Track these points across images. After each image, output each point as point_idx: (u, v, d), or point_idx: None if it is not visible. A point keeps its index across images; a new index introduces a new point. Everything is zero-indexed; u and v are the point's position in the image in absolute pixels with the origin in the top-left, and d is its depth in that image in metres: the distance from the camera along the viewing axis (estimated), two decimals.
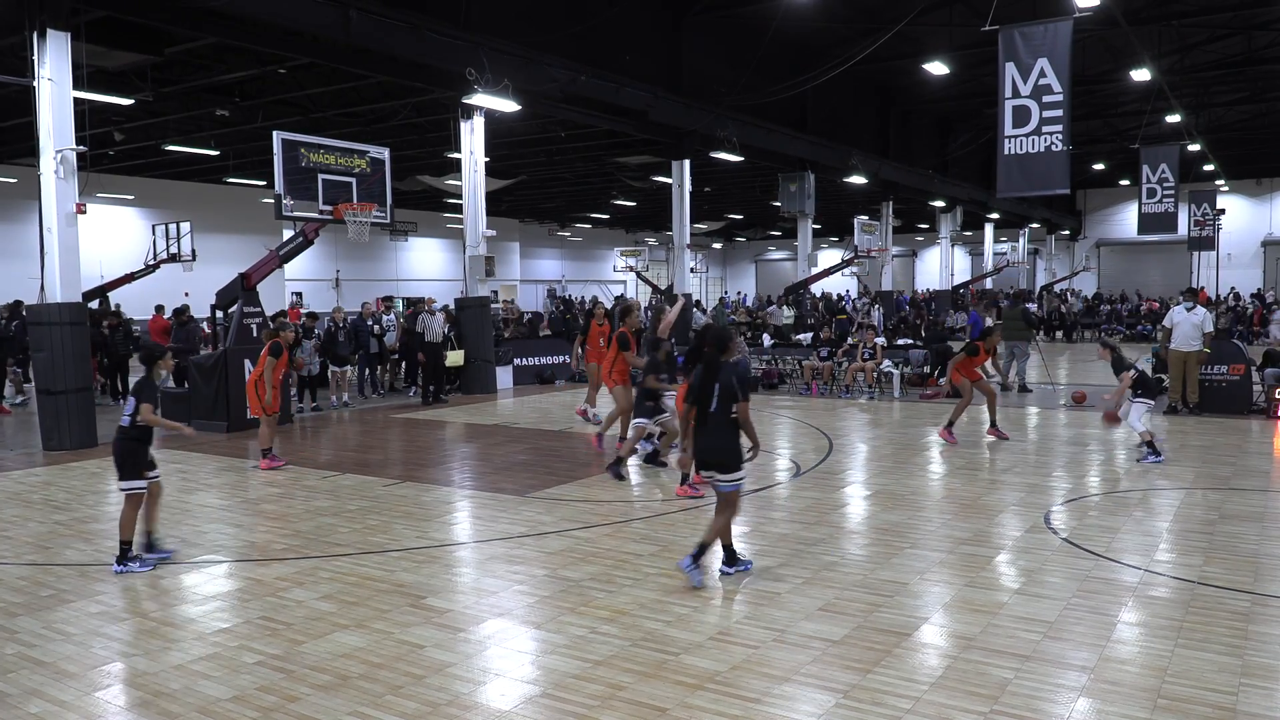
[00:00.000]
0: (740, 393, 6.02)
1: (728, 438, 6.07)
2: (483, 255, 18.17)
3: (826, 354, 17.98)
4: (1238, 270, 42.08)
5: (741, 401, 6.01)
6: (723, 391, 6.03)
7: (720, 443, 6.08)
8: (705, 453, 6.13)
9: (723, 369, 6.09)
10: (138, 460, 6.82)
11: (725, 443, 6.08)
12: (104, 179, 26.40)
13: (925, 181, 31.88)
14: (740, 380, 6.07)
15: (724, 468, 6.10)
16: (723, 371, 6.07)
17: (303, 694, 4.64)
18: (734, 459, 6.10)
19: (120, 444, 6.85)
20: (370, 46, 14.57)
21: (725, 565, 6.43)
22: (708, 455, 6.13)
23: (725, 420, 6.05)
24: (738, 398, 6.01)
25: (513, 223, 45.33)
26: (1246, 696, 4.44)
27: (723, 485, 6.13)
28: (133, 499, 6.80)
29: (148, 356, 7.11)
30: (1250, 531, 7.35)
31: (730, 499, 6.18)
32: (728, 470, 6.10)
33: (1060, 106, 13.61)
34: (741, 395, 6.02)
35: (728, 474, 6.10)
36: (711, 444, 6.10)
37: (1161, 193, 26.30)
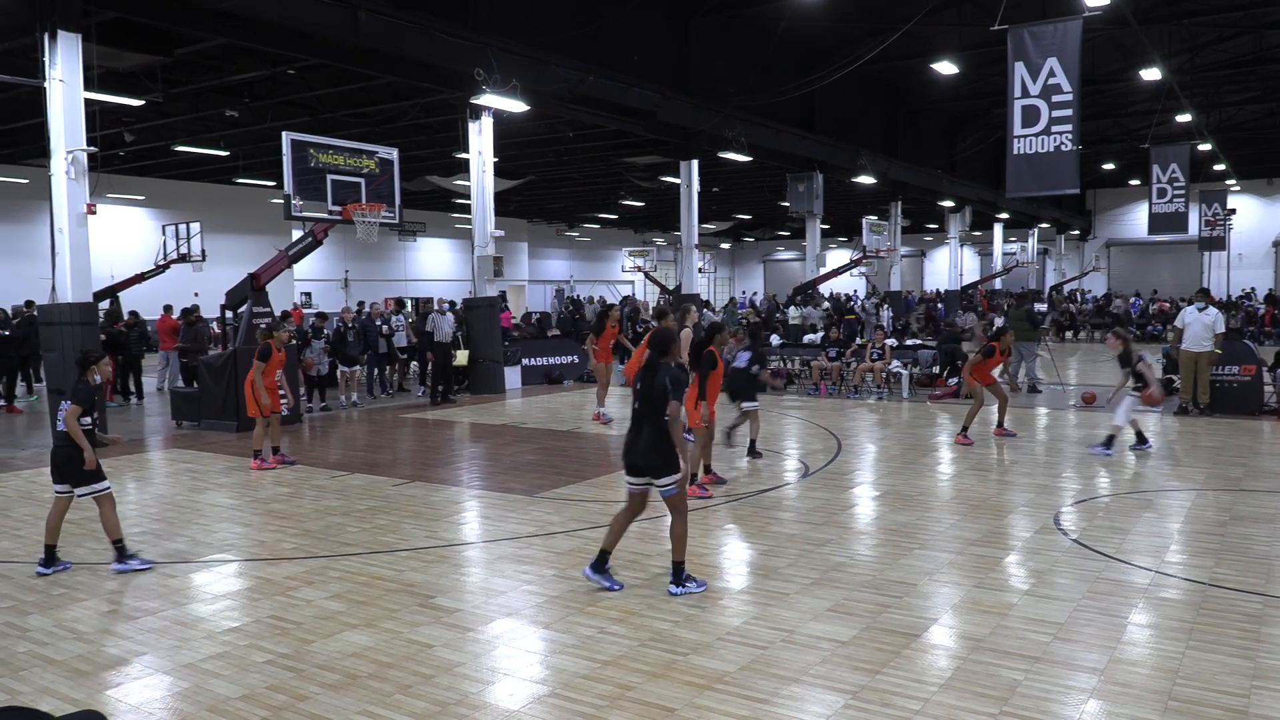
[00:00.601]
0: (672, 393, 5.85)
1: (664, 439, 5.89)
2: (491, 255, 18.19)
3: (835, 354, 17.96)
4: (1249, 270, 41.85)
5: (676, 403, 5.86)
6: (657, 394, 5.89)
7: (654, 446, 5.90)
8: (640, 456, 5.95)
9: (660, 371, 5.95)
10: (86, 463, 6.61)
11: (658, 445, 5.89)
12: (114, 179, 26.51)
13: (934, 181, 31.80)
14: (673, 382, 5.88)
15: (657, 471, 5.91)
16: (659, 373, 5.93)
17: (312, 693, 4.66)
18: (665, 462, 5.89)
19: (64, 450, 6.63)
20: (379, 47, 14.59)
21: (591, 570, 6.13)
22: (641, 459, 5.95)
23: (659, 424, 5.89)
24: (668, 399, 5.85)
25: (521, 223, 45.35)
26: (1258, 699, 4.42)
27: (665, 490, 5.93)
28: (105, 499, 6.69)
29: (83, 359, 6.88)
30: (1262, 533, 7.31)
31: (676, 502, 5.98)
32: (662, 474, 5.90)
33: (1070, 106, 13.56)
34: (673, 396, 5.85)
35: (664, 478, 5.90)
36: (645, 447, 5.93)
37: (1172, 192, 26.20)
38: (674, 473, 5.90)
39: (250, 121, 21.29)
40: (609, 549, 6.15)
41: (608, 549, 6.15)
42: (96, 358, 6.88)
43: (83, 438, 6.56)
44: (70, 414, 6.50)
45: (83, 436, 6.56)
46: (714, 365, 8.73)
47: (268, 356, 10.62)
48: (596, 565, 6.14)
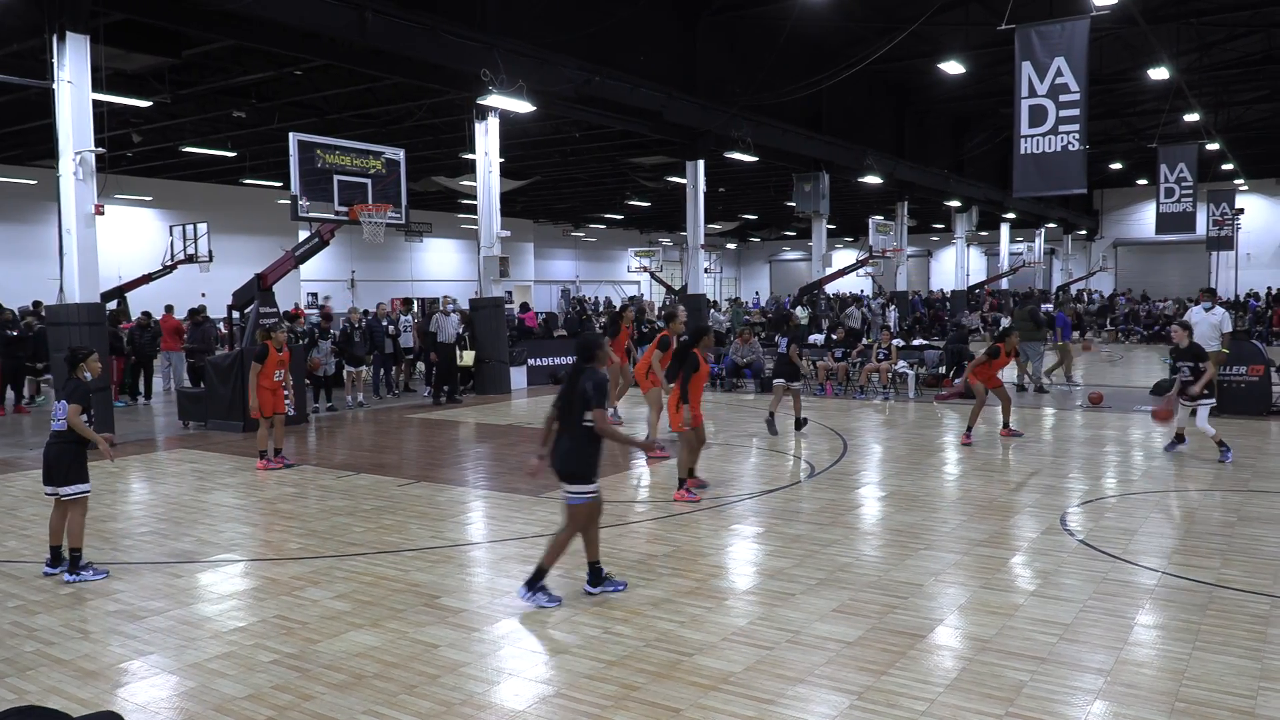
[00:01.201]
0: (594, 400, 5.70)
1: (582, 447, 5.78)
2: (497, 256, 18.21)
3: (841, 354, 17.93)
4: (1257, 270, 41.68)
5: (595, 409, 5.71)
6: (579, 399, 5.76)
7: (572, 450, 5.80)
8: (559, 461, 5.86)
9: (583, 375, 5.82)
10: (78, 463, 6.60)
11: (577, 451, 5.79)
12: (122, 180, 26.60)
13: (941, 181, 31.74)
14: (595, 387, 5.72)
15: (573, 478, 5.81)
16: (582, 378, 5.80)
17: (318, 693, 4.67)
18: (580, 469, 5.79)
19: (57, 448, 6.60)
20: (386, 48, 14.63)
21: (590, 585, 6.07)
22: (560, 464, 5.85)
23: (581, 429, 5.77)
24: (590, 405, 5.71)
25: (527, 223, 45.40)
26: (1266, 700, 4.40)
27: (571, 499, 5.83)
28: (80, 504, 6.63)
29: (72, 357, 6.79)
30: (1270, 534, 7.28)
31: (575, 514, 5.85)
32: (576, 481, 5.81)
33: (1077, 105, 13.53)
34: (595, 402, 5.70)
35: (576, 485, 5.80)
36: (564, 453, 5.83)
37: (1180, 192, 26.11)
38: (585, 484, 5.80)
39: (257, 122, 21.35)
40: (594, 560, 6.09)
41: (593, 560, 6.09)
42: (85, 354, 6.78)
43: (91, 432, 6.58)
44: (72, 413, 6.49)
45: (90, 431, 6.58)
46: (696, 368, 8.68)
47: (264, 358, 10.60)
48: (592, 580, 6.08)
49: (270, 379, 10.71)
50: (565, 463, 5.84)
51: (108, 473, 10.69)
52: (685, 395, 8.64)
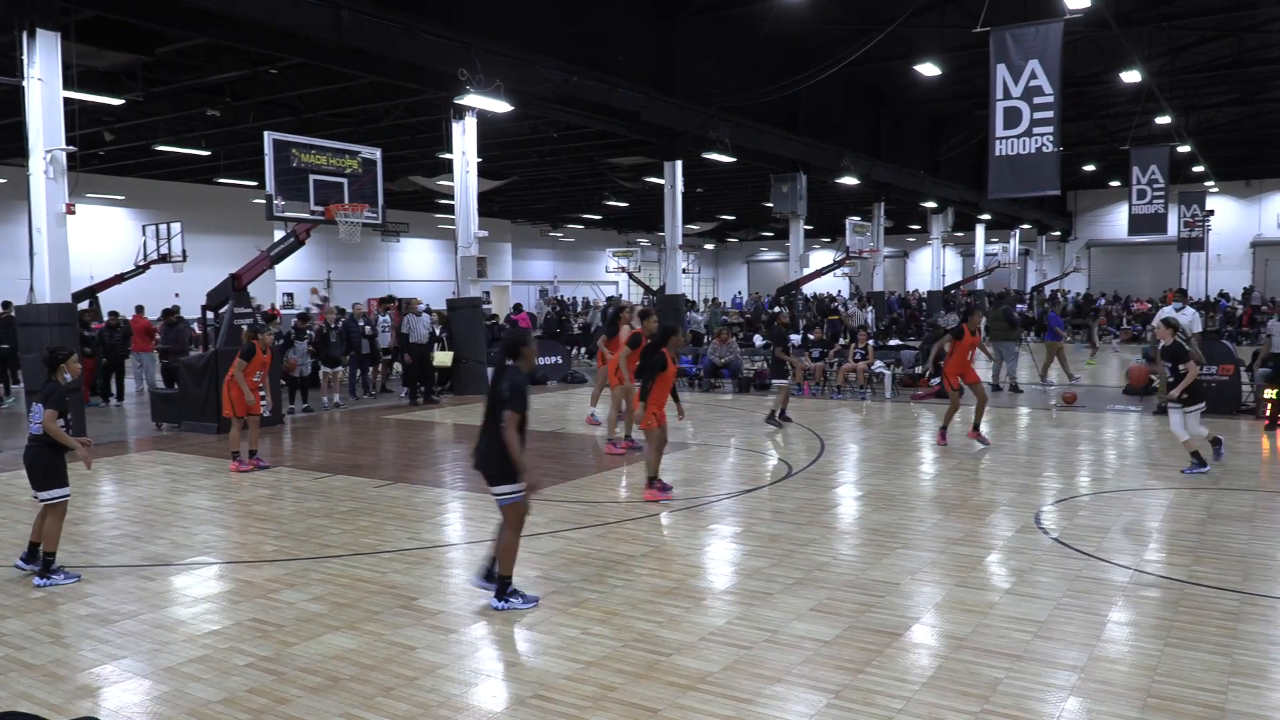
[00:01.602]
0: (509, 402, 5.59)
1: (499, 446, 5.66)
2: (475, 256, 18.15)
3: (818, 354, 18.00)
4: (1227, 271, 42.27)
5: (510, 412, 5.58)
6: (497, 398, 5.68)
7: (491, 450, 5.70)
8: (479, 458, 5.80)
9: (505, 374, 5.73)
10: (55, 468, 6.50)
11: (496, 451, 5.67)
12: (94, 179, 26.27)
13: (917, 182, 31.93)
14: (512, 389, 5.61)
15: (493, 479, 5.74)
16: (504, 377, 5.71)
17: (293, 696, 4.63)
18: (501, 469, 5.69)
19: (34, 452, 6.51)
20: (362, 47, 14.53)
21: (484, 579, 5.99)
22: (480, 462, 5.79)
23: (499, 428, 5.66)
24: (505, 406, 5.61)
25: (505, 223, 45.24)
26: (1235, 695, 4.46)
27: (500, 499, 5.78)
28: (57, 508, 6.53)
29: (51, 359, 6.68)
30: (1239, 531, 7.38)
31: (509, 514, 5.78)
32: (495, 481, 5.73)
33: (1051, 108, 13.66)
34: (510, 405, 5.58)
35: (501, 486, 5.72)
36: (486, 450, 5.74)
37: (1151, 194, 26.42)
38: (509, 482, 5.71)
39: (232, 121, 21.16)
40: (496, 556, 5.98)
41: (495, 557, 5.99)
42: (65, 355, 6.68)
43: (67, 438, 6.47)
44: (48, 418, 6.39)
45: (67, 437, 6.47)
46: (663, 368, 8.58)
47: (251, 356, 10.53)
48: (489, 575, 5.99)
49: (250, 380, 10.64)
50: (486, 464, 5.76)
51: (80, 475, 10.54)
52: (645, 394, 8.57)
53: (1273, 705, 4.38)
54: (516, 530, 5.83)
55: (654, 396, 8.63)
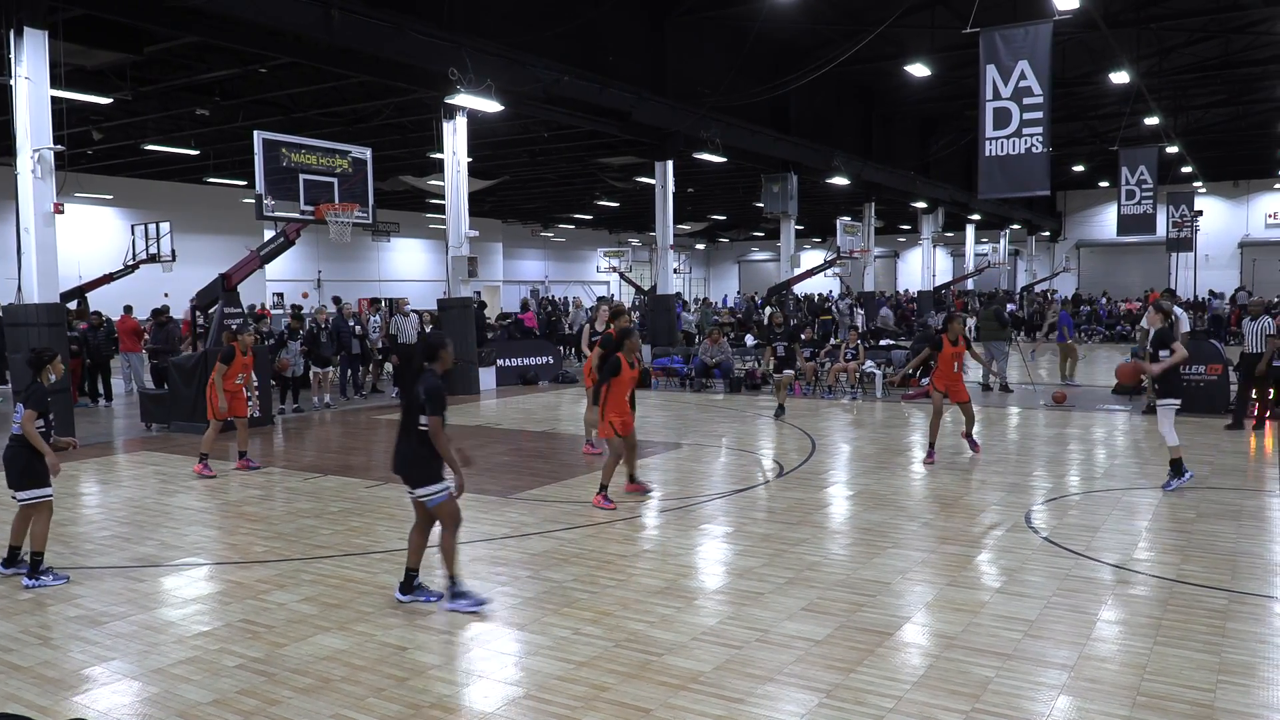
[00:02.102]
0: (427, 406, 5.59)
1: (416, 449, 5.69)
2: (465, 256, 18.12)
3: (810, 354, 18.03)
4: (1215, 271, 42.51)
5: (430, 416, 5.59)
6: (414, 402, 5.68)
7: (409, 454, 5.72)
8: (397, 462, 5.80)
9: (421, 378, 5.69)
10: (34, 468, 6.42)
11: (414, 454, 5.70)
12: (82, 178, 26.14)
13: (907, 183, 32.03)
14: (429, 393, 5.60)
15: (411, 480, 5.73)
16: (420, 380, 5.68)
17: (284, 697, 4.62)
18: (421, 472, 5.70)
19: (13, 451, 6.47)
20: (353, 46, 14.50)
21: (401, 593, 5.97)
22: (399, 466, 5.80)
23: (416, 431, 5.69)
24: (424, 410, 5.61)
25: (495, 223, 45.22)
26: (1224, 693, 4.48)
27: (427, 501, 5.73)
28: (41, 508, 6.47)
29: (36, 359, 6.59)
30: (1227, 530, 7.42)
31: (442, 513, 5.75)
32: (416, 484, 5.72)
33: (1040, 108, 13.71)
34: (429, 409, 5.58)
35: (424, 488, 5.71)
36: (401, 454, 5.76)
37: (1140, 194, 26.55)
38: (432, 483, 5.69)
39: (221, 120, 21.08)
40: (413, 568, 5.98)
41: (411, 568, 5.98)
42: (50, 356, 6.59)
43: (41, 442, 6.39)
44: (26, 419, 6.32)
45: (41, 441, 6.39)
46: (617, 372, 8.35)
47: (230, 359, 10.41)
48: (404, 587, 5.97)
49: (233, 382, 10.53)
50: (404, 467, 5.74)
51: (70, 476, 10.51)
52: (596, 398, 8.37)
53: (1261, 703, 4.40)
54: (453, 530, 5.79)
55: (611, 403, 8.36)
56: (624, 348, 8.58)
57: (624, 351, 8.52)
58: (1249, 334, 12.64)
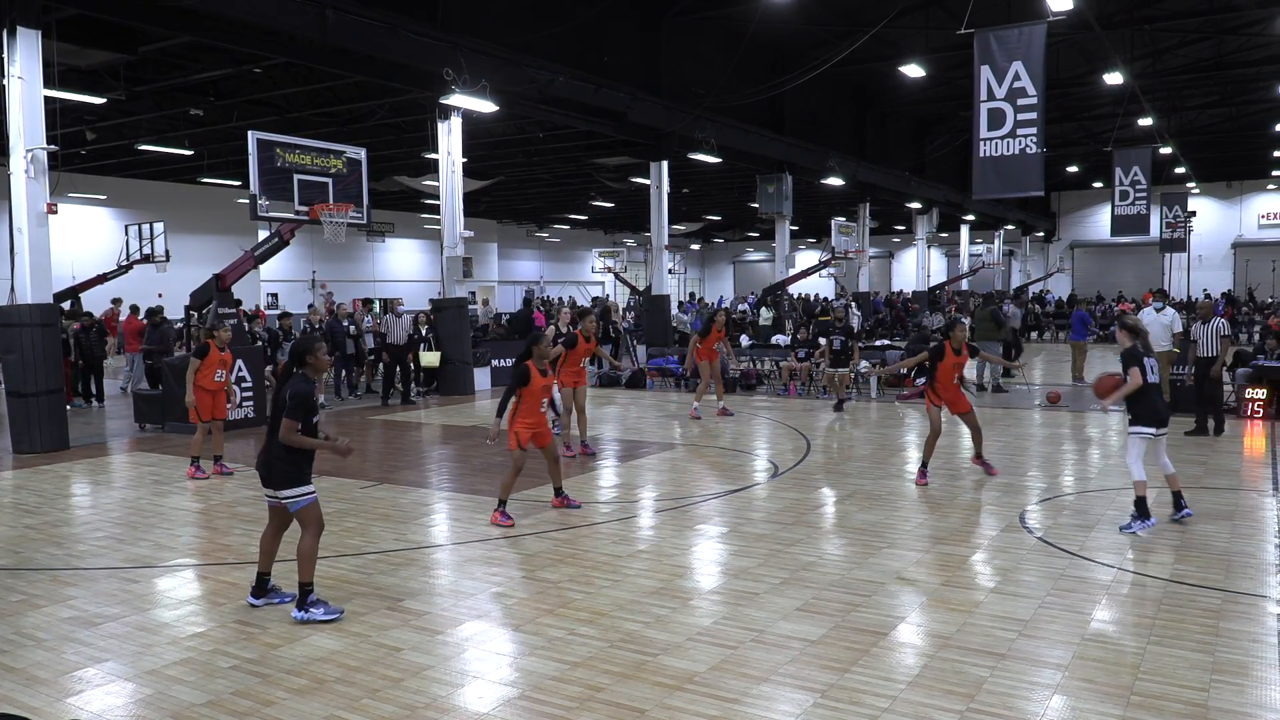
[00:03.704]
0: (289, 412, 5.53)
1: (285, 453, 5.59)
2: (460, 256, 18.10)
3: (804, 355, 18.04)
4: (1209, 272, 42.63)
5: (285, 419, 5.53)
6: (280, 405, 5.62)
7: (276, 457, 5.63)
8: (262, 464, 5.73)
9: (289, 381, 5.65)
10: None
11: (281, 457, 5.61)
12: (76, 179, 26.10)
13: (902, 183, 32.07)
14: (294, 398, 5.54)
15: (278, 483, 5.64)
16: (288, 383, 5.64)
17: (278, 698, 4.61)
18: (283, 475, 5.62)
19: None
20: (347, 46, 14.48)
21: (254, 597, 5.91)
22: (263, 466, 5.72)
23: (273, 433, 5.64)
24: (286, 415, 5.54)
25: (491, 223, 45.18)
26: (1218, 693, 4.50)
27: (291, 504, 5.64)
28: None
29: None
30: (1221, 530, 7.44)
31: (305, 517, 5.65)
32: (283, 486, 5.63)
33: (1034, 109, 13.73)
34: (289, 415, 5.52)
35: (285, 490, 5.62)
36: (267, 458, 5.68)
37: (1134, 195, 26.62)
38: (297, 485, 5.62)
39: (215, 120, 21.05)
40: (264, 572, 5.92)
41: (263, 572, 5.92)
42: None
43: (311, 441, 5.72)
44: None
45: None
46: (526, 382, 7.91)
47: (204, 355, 10.10)
48: (256, 591, 5.90)
49: (210, 380, 10.17)
50: (269, 469, 5.67)
51: (60, 476, 10.49)
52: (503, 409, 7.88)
53: (1254, 702, 4.41)
54: (315, 534, 5.68)
55: (520, 413, 7.93)
56: (533, 356, 8.02)
57: (533, 360, 8.01)
58: (1201, 338, 12.26)
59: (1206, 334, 12.13)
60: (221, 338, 10.38)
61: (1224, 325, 12.24)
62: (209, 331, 10.58)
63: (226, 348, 10.44)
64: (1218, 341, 12.05)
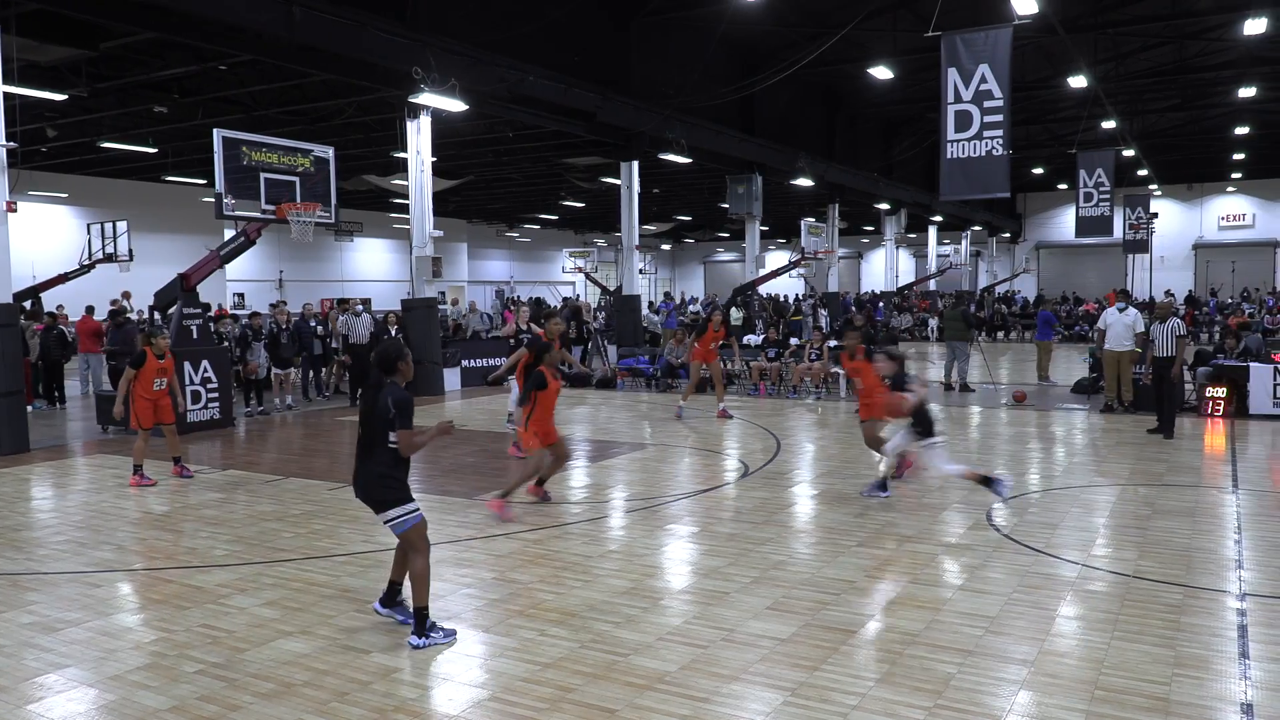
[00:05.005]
0: (398, 420, 5.20)
1: (386, 468, 5.28)
2: (430, 256, 18.00)
3: (774, 354, 18.12)
4: (1171, 272, 43.36)
5: (400, 430, 5.21)
6: (380, 416, 5.25)
7: (377, 474, 5.30)
8: (364, 486, 5.37)
9: (384, 391, 5.28)
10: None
11: (383, 474, 5.29)
12: (36, 176, 25.61)
13: (870, 184, 32.31)
14: (397, 404, 5.21)
15: (383, 504, 5.31)
16: (383, 394, 5.26)
17: (245, 703, 4.56)
18: (385, 494, 5.30)
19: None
20: (315, 44, 14.34)
21: (381, 604, 5.64)
22: (363, 489, 5.39)
23: (383, 449, 5.27)
24: (394, 425, 5.21)
25: (460, 223, 44.94)
26: (1179, 686, 4.57)
27: (398, 526, 5.31)
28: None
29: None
30: (1182, 526, 7.57)
31: (410, 539, 5.32)
32: (388, 506, 5.29)
33: (1000, 112, 13.89)
34: (399, 423, 5.21)
35: (389, 510, 5.29)
36: (369, 475, 5.33)
37: (1098, 197, 27.01)
38: (402, 504, 5.29)
39: (180, 118, 20.75)
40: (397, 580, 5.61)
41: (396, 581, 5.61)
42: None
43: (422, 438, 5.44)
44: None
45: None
46: (543, 386, 8.19)
47: (140, 364, 9.75)
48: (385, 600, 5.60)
49: (148, 388, 9.83)
50: (372, 489, 5.33)
51: (20, 480, 10.30)
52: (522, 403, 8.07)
53: (1215, 695, 4.49)
54: (425, 553, 5.34)
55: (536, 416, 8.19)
56: (545, 360, 8.23)
57: (546, 365, 8.21)
58: (1158, 337, 12.41)
59: (1164, 334, 12.30)
60: (159, 345, 9.95)
61: (1180, 325, 12.42)
62: (146, 339, 10.19)
63: (166, 355, 10.03)
64: (1174, 341, 12.23)
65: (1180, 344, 12.26)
